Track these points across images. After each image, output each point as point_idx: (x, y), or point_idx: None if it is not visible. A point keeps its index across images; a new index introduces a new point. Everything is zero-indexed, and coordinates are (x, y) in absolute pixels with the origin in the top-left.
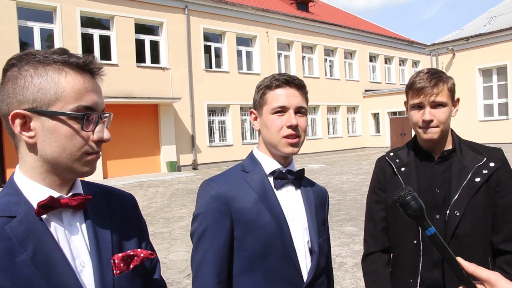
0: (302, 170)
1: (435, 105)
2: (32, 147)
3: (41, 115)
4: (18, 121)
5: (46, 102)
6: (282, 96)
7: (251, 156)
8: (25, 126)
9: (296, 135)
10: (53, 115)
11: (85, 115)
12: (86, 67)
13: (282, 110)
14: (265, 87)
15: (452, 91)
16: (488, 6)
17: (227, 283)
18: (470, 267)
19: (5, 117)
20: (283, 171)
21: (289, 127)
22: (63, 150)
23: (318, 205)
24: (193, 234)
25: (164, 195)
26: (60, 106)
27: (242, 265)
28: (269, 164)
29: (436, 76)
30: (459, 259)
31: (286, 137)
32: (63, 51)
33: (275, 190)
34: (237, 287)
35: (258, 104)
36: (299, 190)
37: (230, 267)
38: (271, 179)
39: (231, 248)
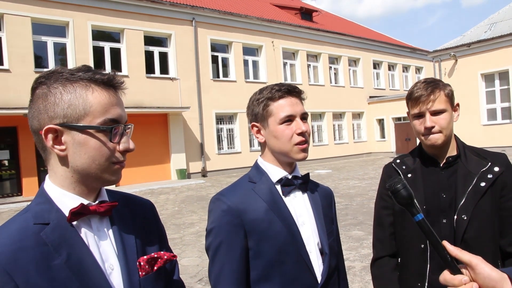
0: (307, 175)
1: (435, 112)
2: (63, 160)
3: (72, 129)
4: (50, 136)
5: (76, 117)
6: (287, 106)
7: (256, 166)
8: (57, 140)
9: (306, 140)
10: (83, 129)
11: (112, 128)
12: (110, 83)
13: (290, 119)
14: (267, 99)
15: (449, 96)
16: (489, 13)
17: None
18: (454, 250)
19: (36, 132)
20: (289, 177)
21: (300, 134)
22: (92, 161)
23: (325, 206)
24: (208, 248)
25: (175, 202)
26: (88, 120)
27: (258, 274)
28: (275, 173)
29: (432, 84)
30: (445, 243)
31: (297, 144)
32: (87, 68)
33: (283, 197)
34: None
35: (262, 116)
36: (305, 194)
37: (247, 278)
38: (278, 187)
39: (247, 259)
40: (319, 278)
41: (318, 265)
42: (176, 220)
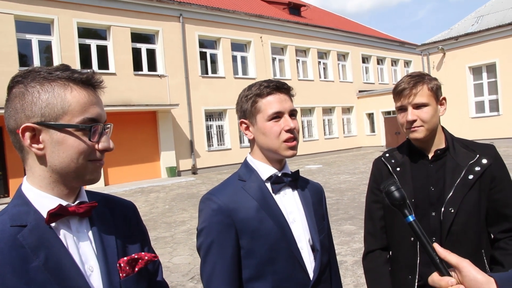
0: (297, 172)
1: (417, 106)
2: (41, 159)
3: (50, 128)
4: (28, 134)
5: (54, 116)
6: (275, 102)
7: (245, 164)
8: (34, 139)
9: (294, 137)
10: (62, 128)
11: (92, 127)
12: (89, 82)
13: (278, 115)
14: (255, 96)
15: (434, 90)
16: (475, 7)
17: None
18: (443, 252)
19: (13, 131)
20: (279, 175)
21: (288, 131)
22: (71, 160)
23: (316, 203)
24: (199, 248)
25: (165, 200)
26: (67, 119)
27: (250, 273)
28: (265, 170)
29: (416, 78)
30: (435, 245)
31: (285, 141)
32: (65, 67)
33: (273, 195)
34: None
35: (250, 113)
36: (296, 191)
37: (239, 277)
38: (268, 185)
39: (238, 258)
40: (311, 275)
41: (310, 262)
42: (167, 218)
